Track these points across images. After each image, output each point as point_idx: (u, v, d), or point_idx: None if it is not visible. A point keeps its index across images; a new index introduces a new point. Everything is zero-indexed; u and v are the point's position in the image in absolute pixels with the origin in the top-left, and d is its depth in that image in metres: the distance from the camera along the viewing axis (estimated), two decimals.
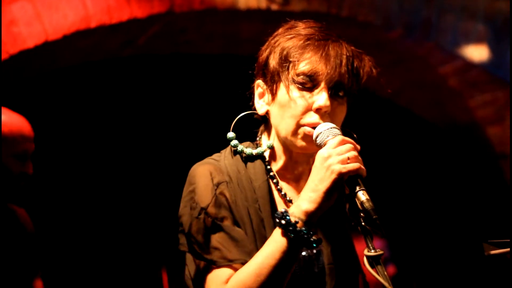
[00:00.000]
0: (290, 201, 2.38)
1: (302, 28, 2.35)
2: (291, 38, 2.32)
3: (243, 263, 2.22)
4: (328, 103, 2.27)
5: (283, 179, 2.40)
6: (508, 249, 2.23)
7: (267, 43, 2.39)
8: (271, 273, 2.16)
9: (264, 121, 2.45)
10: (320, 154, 2.18)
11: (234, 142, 2.40)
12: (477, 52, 5.98)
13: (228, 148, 2.43)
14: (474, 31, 5.94)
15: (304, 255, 2.33)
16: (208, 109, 6.32)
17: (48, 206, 5.62)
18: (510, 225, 4.87)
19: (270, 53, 2.36)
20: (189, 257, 2.35)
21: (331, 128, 2.24)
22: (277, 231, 2.19)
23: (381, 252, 2.12)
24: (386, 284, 2.07)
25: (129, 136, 6.11)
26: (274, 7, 5.30)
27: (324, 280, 2.34)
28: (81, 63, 5.48)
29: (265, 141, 2.42)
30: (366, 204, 2.11)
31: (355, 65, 2.32)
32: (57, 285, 5.13)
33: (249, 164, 2.38)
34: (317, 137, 2.25)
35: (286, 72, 2.31)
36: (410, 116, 6.58)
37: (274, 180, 2.38)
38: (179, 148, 6.14)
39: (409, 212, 6.62)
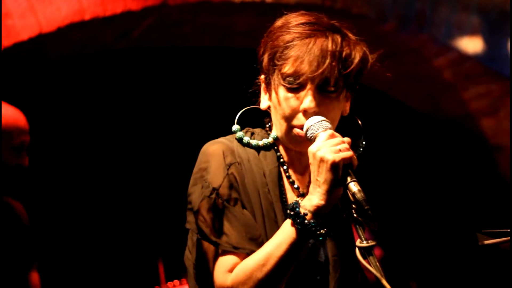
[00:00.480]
0: (298, 188, 2.39)
1: (292, 25, 2.32)
2: (280, 36, 2.31)
3: (248, 253, 2.22)
4: (312, 104, 2.26)
5: (291, 167, 2.41)
6: (502, 239, 2.24)
7: (263, 39, 2.38)
8: (277, 264, 2.17)
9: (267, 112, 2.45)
10: (311, 150, 2.19)
11: (239, 134, 2.40)
12: (471, 44, 5.99)
13: (242, 132, 2.43)
14: (468, 23, 5.95)
15: (310, 243, 2.35)
16: (203, 101, 6.33)
17: (43, 199, 5.63)
18: (510, 218, 4.87)
19: (263, 52, 2.35)
20: (191, 238, 2.36)
21: (321, 121, 2.24)
22: (287, 222, 2.20)
23: (373, 243, 2.12)
24: (378, 275, 2.08)
25: (124, 128, 6.11)
26: None
27: (328, 270, 2.36)
28: (75, 56, 5.48)
29: (273, 132, 2.41)
30: (358, 195, 2.12)
31: (343, 56, 2.29)
32: (54, 277, 5.13)
33: (261, 151, 2.39)
34: (307, 130, 2.26)
35: (275, 73, 2.31)
36: (404, 109, 6.59)
37: (284, 167, 2.39)
38: (174, 140, 6.14)
39: (403, 205, 6.63)
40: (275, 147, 2.41)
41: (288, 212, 2.20)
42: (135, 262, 6.15)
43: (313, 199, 2.17)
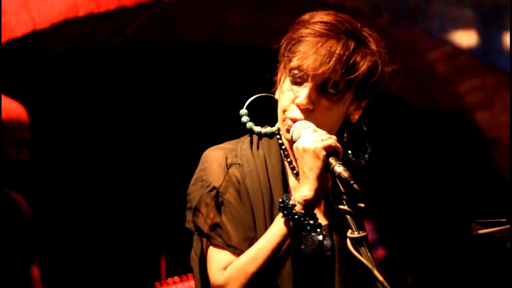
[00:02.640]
0: None
1: (314, 21, 2.34)
2: (299, 29, 2.34)
3: (239, 254, 2.23)
4: (305, 101, 2.29)
5: (294, 157, 2.42)
6: (497, 228, 2.25)
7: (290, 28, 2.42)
8: (268, 257, 2.18)
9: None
10: (295, 146, 2.24)
11: (245, 118, 2.44)
12: (465, 38, 5.99)
13: (247, 136, 2.45)
14: (462, 16, 5.95)
15: (317, 238, 2.36)
16: (198, 97, 6.33)
17: (44, 194, 5.63)
18: (510, 212, 4.88)
19: (283, 41, 2.38)
20: (195, 239, 2.38)
21: (304, 123, 2.28)
22: (278, 216, 2.22)
23: (365, 233, 2.13)
24: (369, 265, 2.09)
25: (120, 125, 6.12)
26: None
27: (334, 265, 2.37)
28: (69, 52, 5.48)
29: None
30: (344, 174, 2.14)
31: (350, 62, 2.29)
32: (55, 272, 5.14)
33: (265, 143, 2.41)
34: (292, 133, 2.29)
35: (285, 64, 2.34)
36: (399, 103, 6.59)
37: (289, 159, 2.41)
38: (171, 137, 6.15)
39: (399, 199, 6.65)
40: (278, 136, 2.43)
41: (278, 205, 2.22)
42: (137, 258, 6.17)
43: (302, 190, 2.20)
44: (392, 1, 5.74)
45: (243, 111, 2.44)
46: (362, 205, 2.15)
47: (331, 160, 2.19)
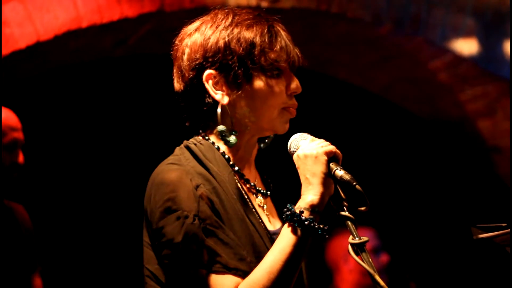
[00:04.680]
0: (254, 186, 2.40)
1: (249, 15, 2.39)
2: (250, 26, 2.35)
3: (241, 275, 2.18)
4: (299, 85, 2.36)
5: (239, 166, 2.38)
6: (497, 233, 2.26)
7: (213, 32, 2.37)
8: (283, 268, 2.16)
9: (211, 112, 2.38)
10: (295, 156, 2.26)
11: (221, 127, 2.36)
12: (466, 46, 6.01)
13: (184, 151, 2.37)
14: (463, 25, 5.97)
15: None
16: None
17: (45, 204, 5.64)
18: (510, 218, 4.88)
19: (228, 42, 2.33)
20: (160, 274, 2.29)
21: (301, 134, 2.31)
22: (285, 227, 2.21)
23: (366, 239, 2.15)
24: (371, 271, 2.10)
25: (122, 136, 6.12)
26: (264, 4, 5.32)
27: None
28: (73, 63, 5.50)
29: (227, 131, 2.37)
30: (346, 176, 2.17)
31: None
32: (56, 281, 5.14)
33: (208, 154, 2.33)
34: (290, 144, 2.31)
35: (257, 61, 2.32)
36: (400, 112, 6.60)
37: (236, 168, 2.37)
38: (173, 146, 6.15)
39: (402, 207, 6.64)
40: (219, 150, 2.37)
41: (284, 215, 2.21)
42: (139, 269, 6.15)
43: (307, 197, 2.20)
44: (393, 10, 5.76)
45: (221, 127, 2.35)
46: (363, 208, 2.16)
47: (332, 165, 2.21)
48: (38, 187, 5.55)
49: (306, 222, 2.17)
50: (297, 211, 2.18)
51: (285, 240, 2.18)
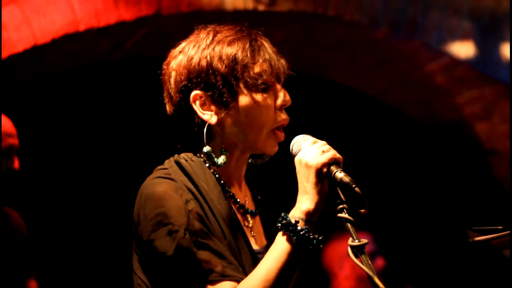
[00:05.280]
0: (247, 211, 2.40)
1: (230, 31, 2.40)
2: (231, 42, 2.34)
3: (238, 281, 2.19)
4: (288, 97, 2.34)
5: (229, 184, 2.39)
6: (493, 235, 2.27)
7: (195, 52, 2.36)
8: (278, 277, 2.15)
9: (202, 133, 2.37)
10: (297, 159, 2.24)
11: (206, 149, 2.34)
12: (463, 49, 6.01)
13: (173, 165, 2.36)
14: (460, 28, 5.98)
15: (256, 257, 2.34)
16: None
17: (40, 209, 5.63)
18: (510, 222, 4.89)
19: (210, 61, 2.32)
20: None
21: (303, 136, 2.29)
22: (279, 235, 2.20)
23: (365, 241, 2.15)
24: (370, 273, 2.10)
25: (119, 139, 6.12)
26: (261, 7, 5.32)
27: None
28: (70, 67, 5.50)
29: (217, 150, 2.36)
30: (345, 179, 2.17)
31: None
32: (51, 286, 5.14)
33: (200, 177, 2.33)
34: (293, 146, 2.29)
35: (241, 77, 2.31)
36: (398, 115, 6.61)
37: (226, 188, 2.37)
38: (171, 151, 6.14)
39: (400, 211, 6.65)
40: (210, 168, 2.35)
41: (278, 224, 2.20)
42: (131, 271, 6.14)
43: (302, 205, 2.19)
44: (390, 13, 5.77)
45: (207, 148, 2.34)
46: (363, 211, 2.16)
47: (332, 167, 2.20)
48: (35, 191, 5.54)
49: (301, 232, 2.17)
50: (293, 220, 2.18)
51: (281, 248, 2.18)
